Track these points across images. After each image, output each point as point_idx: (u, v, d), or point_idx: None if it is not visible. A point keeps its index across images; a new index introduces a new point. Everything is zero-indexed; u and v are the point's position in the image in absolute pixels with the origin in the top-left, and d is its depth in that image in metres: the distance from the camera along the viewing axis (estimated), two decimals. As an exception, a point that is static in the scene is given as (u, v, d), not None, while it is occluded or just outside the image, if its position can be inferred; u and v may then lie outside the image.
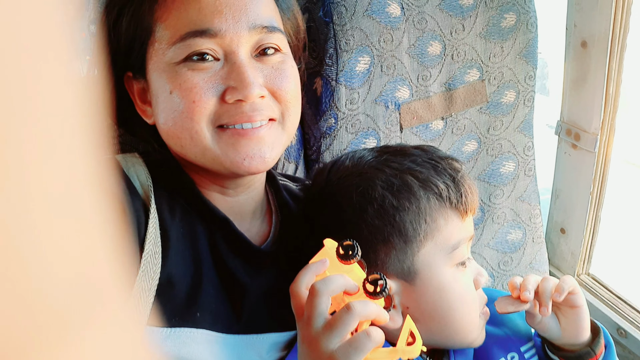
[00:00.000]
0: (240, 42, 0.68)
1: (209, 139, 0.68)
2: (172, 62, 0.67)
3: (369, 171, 0.74)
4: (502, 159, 1.20)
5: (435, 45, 1.07)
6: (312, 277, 0.61)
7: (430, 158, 0.75)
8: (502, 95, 1.16)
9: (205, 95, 0.66)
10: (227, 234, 0.73)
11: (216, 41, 0.67)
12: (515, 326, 0.82)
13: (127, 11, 0.69)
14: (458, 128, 1.14)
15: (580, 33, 1.21)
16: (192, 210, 0.73)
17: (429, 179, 0.72)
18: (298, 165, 1.04)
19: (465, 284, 0.72)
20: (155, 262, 0.65)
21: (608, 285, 1.30)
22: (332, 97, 0.99)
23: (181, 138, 0.69)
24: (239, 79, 0.66)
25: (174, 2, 0.67)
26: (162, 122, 0.70)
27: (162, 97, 0.68)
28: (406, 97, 1.07)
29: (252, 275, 0.74)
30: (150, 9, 0.68)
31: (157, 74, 0.69)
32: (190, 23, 0.67)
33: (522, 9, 1.12)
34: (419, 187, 0.71)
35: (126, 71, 0.73)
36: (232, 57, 0.68)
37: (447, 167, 0.74)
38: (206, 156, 0.69)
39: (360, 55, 0.99)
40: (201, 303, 0.68)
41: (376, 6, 0.99)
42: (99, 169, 0.18)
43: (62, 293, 0.16)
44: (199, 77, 0.67)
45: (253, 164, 0.68)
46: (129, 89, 0.74)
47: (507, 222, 1.23)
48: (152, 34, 0.69)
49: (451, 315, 0.71)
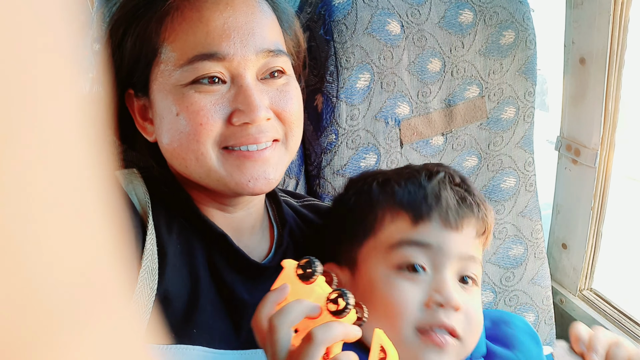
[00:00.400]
0: (247, 66, 0.69)
1: (214, 161, 0.68)
2: (179, 84, 0.68)
3: (353, 183, 0.81)
4: (502, 174, 1.20)
5: (435, 62, 1.08)
6: (273, 307, 0.58)
7: (416, 169, 0.78)
8: (502, 112, 1.17)
9: (212, 118, 0.67)
10: (225, 249, 0.73)
11: (224, 64, 0.68)
12: (527, 350, 0.77)
13: (132, 31, 0.70)
14: (458, 144, 1.15)
15: (579, 50, 1.23)
16: (189, 226, 0.73)
17: (390, 181, 0.76)
18: (299, 181, 1.04)
19: (404, 294, 0.69)
20: (152, 278, 0.65)
21: (611, 301, 1.30)
22: (333, 113, 1.00)
23: (186, 159, 0.69)
24: (246, 102, 0.67)
25: (181, 24, 0.68)
26: (167, 142, 0.70)
27: (168, 118, 0.69)
28: (406, 113, 1.07)
29: (251, 291, 0.74)
30: (157, 30, 0.69)
31: (162, 94, 0.69)
32: (198, 46, 0.67)
33: (521, 27, 1.13)
34: (376, 186, 0.76)
35: (127, 88, 0.74)
36: (238, 80, 0.69)
37: (423, 174, 0.75)
38: (211, 177, 0.70)
39: (361, 73, 1.00)
40: (198, 320, 0.68)
41: (376, 24, 1.00)
42: (102, 181, 0.18)
43: (62, 296, 0.16)
44: (207, 99, 0.67)
45: (257, 185, 0.69)
46: (129, 106, 0.75)
47: (508, 237, 1.23)
48: (157, 55, 0.69)
49: (377, 319, 0.68)
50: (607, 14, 1.14)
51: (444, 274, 0.70)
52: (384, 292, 0.70)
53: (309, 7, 1.01)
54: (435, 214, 0.72)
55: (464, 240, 0.72)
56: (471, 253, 0.73)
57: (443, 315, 0.68)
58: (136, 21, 0.70)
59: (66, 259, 0.17)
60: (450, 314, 0.68)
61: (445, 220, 0.72)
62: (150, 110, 0.73)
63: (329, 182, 1.03)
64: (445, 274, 0.70)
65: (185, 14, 0.68)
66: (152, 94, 0.71)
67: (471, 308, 0.70)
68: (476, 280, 0.73)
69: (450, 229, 0.72)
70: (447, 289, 0.68)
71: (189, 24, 0.68)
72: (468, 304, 0.70)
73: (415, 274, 0.70)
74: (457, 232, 0.72)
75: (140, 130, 0.75)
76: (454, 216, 0.72)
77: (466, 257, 0.72)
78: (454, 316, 0.68)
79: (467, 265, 0.72)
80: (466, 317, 0.69)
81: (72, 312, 0.16)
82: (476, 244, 0.74)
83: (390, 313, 0.69)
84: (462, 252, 0.72)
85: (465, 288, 0.72)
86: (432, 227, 0.72)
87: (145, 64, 0.70)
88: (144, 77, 0.71)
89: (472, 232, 0.74)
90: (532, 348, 0.78)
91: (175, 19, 0.68)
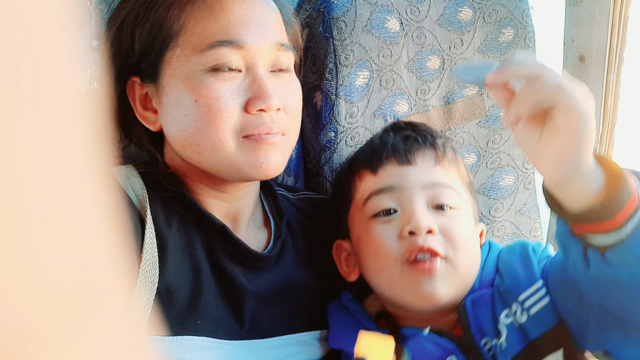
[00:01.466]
0: (262, 56, 0.72)
1: (231, 148, 0.70)
2: (197, 70, 0.69)
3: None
4: (501, 172, 1.20)
5: (434, 59, 1.08)
6: None
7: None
8: (500, 109, 1.17)
9: (230, 105, 0.69)
10: (225, 240, 0.74)
11: (241, 53, 0.70)
12: (516, 275, 0.74)
13: (149, 16, 0.71)
14: (457, 141, 1.15)
15: (578, 48, 1.23)
16: (188, 218, 0.73)
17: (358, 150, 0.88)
18: (298, 178, 1.04)
19: (381, 234, 0.75)
20: (153, 271, 0.66)
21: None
22: (332, 111, 1.00)
23: (201, 145, 0.70)
24: (261, 90, 0.70)
25: (202, 11, 0.70)
26: (181, 128, 0.71)
27: (184, 104, 0.70)
28: (405, 110, 1.07)
29: (252, 280, 0.75)
30: (178, 15, 0.70)
31: (177, 80, 0.70)
32: (219, 32, 0.69)
33: (520, 24, 1.13)
34: (350, 158, 0.89)
35: (131, 76, 0.74)
36: (253, 69, 0.71)
37: (378, 134, 0.85)
38: (223, 163, 0.71)
39: (360, 70, 1.00)
40: (201, 310, 0.69)
41: (375, 22, 1.00)
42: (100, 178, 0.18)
43: (61, 297, 0.16)
44: (225, 87, 0.69)
45: (270, 167, 0.72)
46: (129, 94, 0.75)
47: (507, 235, 1.23)
48: (174, 39, 0.70)
49: (368, 265, 0.79)
50: (606, 12, 1.14)
51: (413, 205, 0.74)
52: (367, 241, 0.76)
53: (308, 4, 1.01)
54: (387, 158, 0.78)
55: (423, 171, 0.77)
56: (434, 180, 0.76)
57: (420, 240, 0.72)
58: (154, 7, 0.71)
59: (65, 256, 0.17)
60: (426, 237, 0.72)
61: (397, 160, 0.77)
62: (157, 97, 0.73)
63: (328, 179, 1.03)
64: (413, 205, 0.74)
65: (209, 2, 0.71)
66: (164, 79, 0.71)
67: (450, 228, 0.73)
68: (453, 205, 0.76)
69: (405, 165, 0.77)
70: (414, 217, 0.72)
71: (210, 11, 0.70)
72: (446, 225, 0.73)
73: (389, 216, 0.75)
74: (412, 165, 0.77)
75: (140, 119, 0.75)
76: (404, 153, 0.77)
77: (430, 185, 0.76)
78: (431, 238, 0.72)
79: (437, 193, 0.76)
80: (446, 237, 0.73)
81: (71, 309, 0.16)
82: (439, 171, 0.78)
83: (376, 256, 0.75)
84: (424, 182, 0.76)
85: (442, 213, 0.75)
86: (389, 171, 0.77)
87: (160, 48, 0.71)
88: (155, 62, 0.71)
89: (430, 162, 0.78)
90: (518, 270, 0.75)
91: (197, 6, 0.70)
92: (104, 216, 0.19)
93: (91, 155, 0.18)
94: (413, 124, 0.85)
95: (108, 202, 0.19)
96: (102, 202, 0.19)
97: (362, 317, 0.79)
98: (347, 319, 0.79)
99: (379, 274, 0.76)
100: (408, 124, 0.85)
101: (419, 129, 0.83)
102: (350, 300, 0.81)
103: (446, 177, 0.78)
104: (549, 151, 0.57)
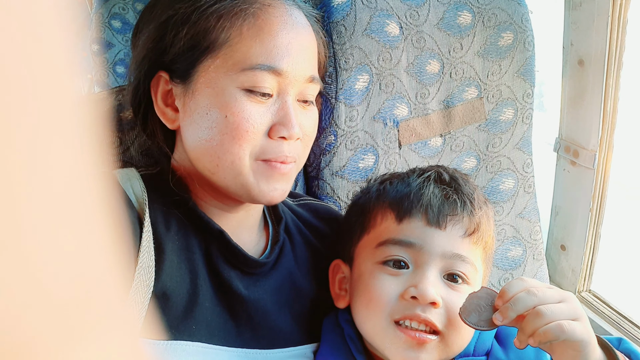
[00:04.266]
0: (295, 86, 0.73)
1: (247, 168, 0.71)
2: (233, 86, 0.70)
3: (367, 185, 0.87)
4: (501, 176, 1.20)
5: (433, 63, 1.08)
6: None
7: (413, 169, 0.82)
8: (500, 113, 1.17)
9: (257, 128, 0.70)
10: (223, 246, 0.74)
11: (278, 80, 0.71)
12: (521, 351, 0.73)
13: (197, 20, 0.71)
14: (457, 145, 1.15)
15: (577, 51, 1.23)
16: (187, 222, 0.73)
17: (387, 181, 0.81)
18: (298, 182, 1.04)
19: (383, 285, 0.72)
20: (149, 275, 0.65)
21: (609, 303, 1.30)
22: (332, 114, 1.00)
23: (221, 159, 0.71)
24: (287, 118, 0.72)
25: (250, 29, 0.71)
26: (204, 138, 0.71)
27: (213, 116, 0.70)
28: (405, 114, 1.07)
29: (249, 287, 0.74)
30: (228, 29, 0.70)
31: (210, 90, 0.70)
32: (262, 55, 0.70)
33: (519, 28, 1.13)
34: (376, 186, 0.82)
35: (159, 70, 0.73)
36: (283, 96, 0.73)
37: (415, 174, 0.80)
38: (236, 181, 0.71)
39: (360, 74, 1.00)
40: (197, 316, 0.69)
41: (375, 26, 1.00)
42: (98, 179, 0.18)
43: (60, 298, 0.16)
44: (256, 109, 0.70)
45: (276, 195, 0.73)
46: (152, 86, 0.74)
47: (507, 239, 1.23)
48: (216, 50, 0.71)
49: (359, 309, 0.76)
50: (605, 16, 1.14)
51: (425, 270, 0.71)
52: (367, 283, 0.73)
53: (308, 8, 1.01)
54: (417, 212, 0.73)
55: (449, 239, 0.72)
56: (457, 252, 0.72)
57: (419, 309, 0.69)
58: (205, 14, 0.71)
59: (64, 261, 0.17)
60: (427, 309, 0.69)
61: (427, 218, 0.73)
62: (182, 98, 0.73)
63: (327, 183, 1.03)
64: (426, 270, 0.71)
65: (259, 23, 0.71)
66: (196, 85, 0.71)
67: (455, 306, 0.69)
68: (467, 279, 0.73)
69: (433, 227, 0.72)
70: (423, 284, 0.69)
71: (258, 32, 0.71)
72: (452, 301, 0.70)
73: (399, 270, 0.72)
74: (441, 230, 0.72)
75: (158, 113, 0.75)
76: (436, 214, 0.73)
77: (451, 255, 0.72)
78: (432, 311, 0.69)
79: (454, 264, 0.72)
80: (448, 314, 0.70)
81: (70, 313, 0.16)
82: (465, 243, 0.74)
83: (369, 303, 0.72)
84: (446, 251, 0.72)
85: (452, 286, 0.72)
86: (415, 225, 0.73)
87: (200, 55, 0.71)
88: (192, 66, 0.71)
89: (459, 231, 0.73)
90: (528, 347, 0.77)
91: (247, 24, 0.71)
92: (103, 220, 0.19)
93: (90, 158, 0.18)
94: (458, 181, 0.78)
95: (106, 205, 0.19)
96: (101, 206, 0.19)
97: (353, 345, 0.76)
98: (340, 341, 0.77)
99: (367, 319, 0.73)
100: (453, 178, 0.79)
101: (461, 190, 0.77)
102: (347, 321, 0.78)
103: (470, 252, 0.74)
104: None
